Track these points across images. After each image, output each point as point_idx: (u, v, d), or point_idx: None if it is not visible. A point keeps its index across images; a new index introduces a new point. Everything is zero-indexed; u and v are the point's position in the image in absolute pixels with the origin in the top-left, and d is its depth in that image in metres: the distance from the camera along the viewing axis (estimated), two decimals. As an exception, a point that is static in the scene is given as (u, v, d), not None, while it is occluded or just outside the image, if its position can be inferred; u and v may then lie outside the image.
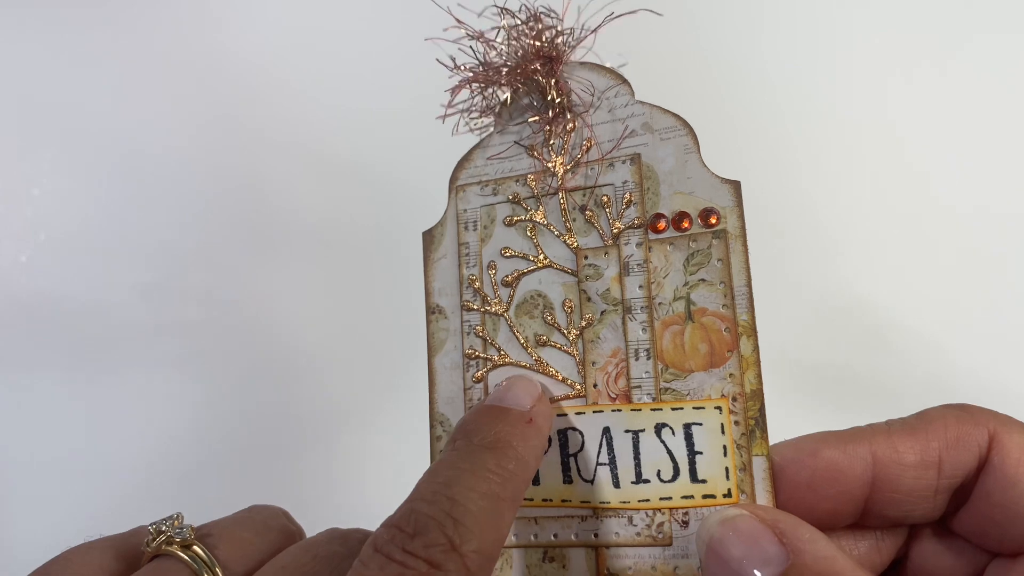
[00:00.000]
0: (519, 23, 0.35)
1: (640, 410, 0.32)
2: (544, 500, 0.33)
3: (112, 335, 0.69)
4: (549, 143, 0.35)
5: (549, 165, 0.35)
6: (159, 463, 0.66)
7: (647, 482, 0.31)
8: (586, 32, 0.35)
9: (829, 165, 0.65)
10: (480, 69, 0.35)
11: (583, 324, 0.34)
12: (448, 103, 0.35)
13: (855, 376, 0.59)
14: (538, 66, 0.35)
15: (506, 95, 0.36)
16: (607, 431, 0.32)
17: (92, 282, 0.70)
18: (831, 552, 0.26)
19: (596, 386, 0.33)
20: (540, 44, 0.35)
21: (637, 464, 0.32)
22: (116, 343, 0.69)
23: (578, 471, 0.33)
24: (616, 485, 0.32)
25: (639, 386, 0.32)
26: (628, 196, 0.33)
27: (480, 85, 0.35)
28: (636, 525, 0.31)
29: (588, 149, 0.34)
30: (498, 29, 0.35)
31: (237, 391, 0.68)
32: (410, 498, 0.28)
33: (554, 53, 0.35)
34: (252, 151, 0.73)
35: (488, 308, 0.35)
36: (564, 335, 0.34)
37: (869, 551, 0.31)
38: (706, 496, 0.31)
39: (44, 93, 0.73)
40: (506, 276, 0.35)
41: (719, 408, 0.31)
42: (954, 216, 0.63)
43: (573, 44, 0.35)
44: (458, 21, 0.35)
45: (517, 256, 0.35)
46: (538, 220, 0.35)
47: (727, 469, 0.30)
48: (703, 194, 0.32)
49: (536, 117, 0.35)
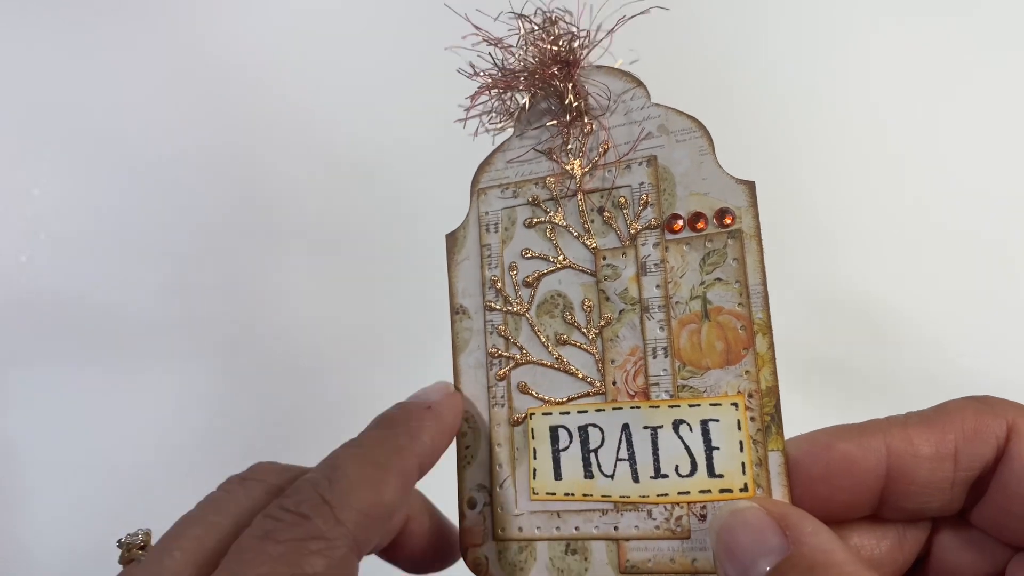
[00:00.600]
0: (535, 28, 0.36)
1: (658, 407, 0.33)
2: (566, 494, 0.34)
3: (113, 335, 0.70)
4: (567, 146, 0.36)
5: (567, 168, 0.36)
6: (162, 462, 0.67)
7: (666, 477, 0.32)
8: (601, 35, 0.36)
9: (842, 165, 0.64)
10: (499, 75, 0.36)
11: (602, 323, 0.34)
12: (468, 108, 0.36)
13: (869, 372, 0.58)
14: (555, 70, 0.36)
15: (524, 100, 0.36)
16: (626, 427, 0.33)
17: (92, 282, 0.70)
18: (832, 545, 0.27)
19: (615, 384, 0.34)
20: (557, 48, 0.36)
21: (656, 459, 0.33)
22: (117, 343, 0.70)
23: (599, 466, 0.34)
24: (636, 480, 0.33)
25: (657, 383, 0.33)
26: (645, 197, 0.34)
27: (499, 90, 0.36)
28: (655, 519, 0.32)
29: (605, 151, 0.35)
30: (515, 34, 0.36)
31: (254, 390, 0.69)
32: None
33: (571, 57, 0.36)
34: (265, 155, 0.73)
35: (510, 308, 0.36)
36: (584, 334, 0.35)
37: (891, 549, 0.32)
38: (723, 490, 0.31)
39: (44, 93, 0.73)
40: (527, 277, 0.36)
41: (735, 404, 0.32)
42: (969, 213, 0.62)
43: (589, 47, 0.36)
44: (476, 28, 0.36)
45: (537, 257, 0.36)
46: (557, 222, 0.36)
47: (743, 464, 0.31)
48: (718, 195, 0.33)
49: (554, 121, 0.36)
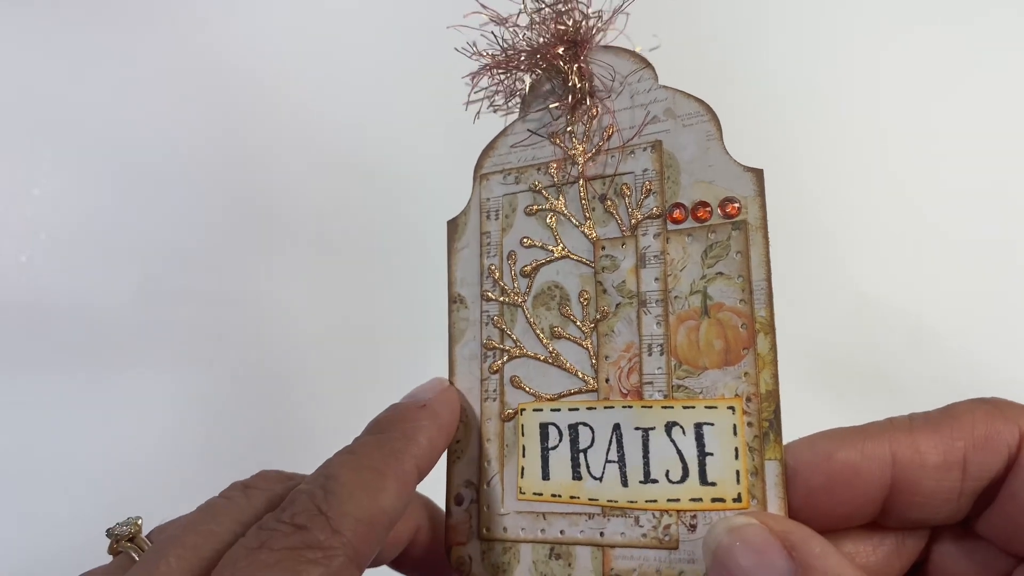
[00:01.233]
0: (543, 6, 0.34)
1: (651, 407, 0.31)
2: (553, 496, 0.32)
3: (113, 335, 0.70)
4: (571, 130, 0.34)
5: (570, 153, 0.34)
6: (164, 462, 0.67)
7: (655, 482, 0.30)
8: (612, 15, 0.34)
9: (854, 158, 0.60)
10: (501, 55, 0.35)
11: (598, 317, 0.33)
12: (470, 89, 0.35)
13: (877, 375, 0.55)
14: (561, 51, 0.34)
15: (528, 81, 0.35)
16: (617, 428, 0.31)
17: (92, 282, 0.70)
18: (843, 568, 0.25)
19: (608, 381, 0.32)
20: (565, 28, 0.34)
21: (646, 463, 0.31)
22: (117, 343, 0.70)
23: (587, 467, 0.32)
24: (624, 484, 0.31)
25: (651, 382, 0.31)
26: (648, 185, 0.32)
27: (501, 71, 0.35)
28: (643, 526, 0.30)
29: (609, 136, 0.33)
30: (521, 12, 0.35)
31: (246, 387, 0.69)
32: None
33: (579, 37, 0.34)
34: (263, 143, 0.72)
35: (506, 298, 0.35)
36: (579, 328, 0.33)
37: (889, 555, 0.29)
38: (715, 500, 0.29)
39: (44, 93, 0.72)
40: (525, 266, 0.34)
41: (732, 408, 0.29)
42: (984, 209, 0.58)
43: (600, 27, 0.34)
44: (481, 5, 0.35)
45: (536, 246, 0.34)
46: (558, 209, 0.34)
47: (738, 472, 0.29)
48: (724, 183, 0.31)
49: (558, 103, 0.34)
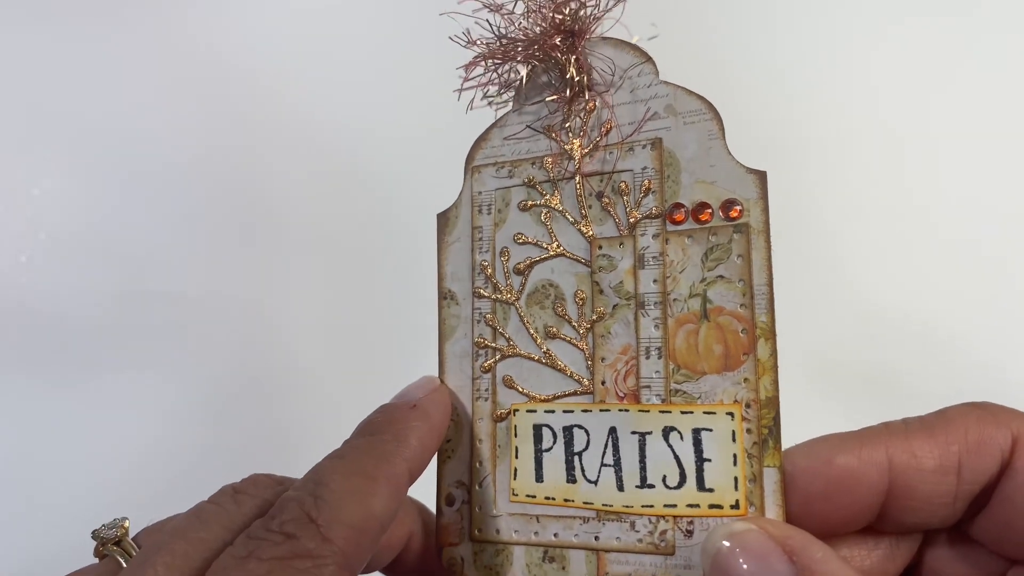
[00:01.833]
0: (541, -6, 0.33)
1: (648, 411, 0.30)
2: (547, 498, 0.32)
3: (113, 335, 0.69)
4: (567, 124, 0.33)
5: (567, 148, 0.33)
6: (159, 464, 0.66)
7: (652, 487, 0.30)
8: (611, 5, 0.33)
9: (859, 161, 0.60)
10: (497, 44, 0.34)
11: (594, 318, 0.32)
12: (463, 79, 0.34)
13: (879, 381, 0.55)
14: (558, 41, 0.33)
15: (524, 72, 0.34)
16: (613, 431, 0.31)
17: (92, 282, 0.69)
18: (844, 572, 0.25)
19: (604, 383, 0.31)
20: (562, 17, 0.33)
21: (642, 468, 0.30)
22: (118, 343, 0.69)
23: (582, 471, 0.31)
24: (620, 488, 0.30)
25: (648, 386, 0.31)
26: (647, 183, 0.31)
27: (496, 61, 0.34)
28: (639, 531, 0.30)
29: (608, 132, 0.32)
30: (517, 0, 0.33)
31: (235, 387, 0.68)
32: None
33: (576, 27, 0.33)
34: (257, 136, 0.71)
35: (499, 296, 0.34)
36: (574, 328, 0.32)
37: (883, 559, 0.30)
38: (713, 506, 0.29)
39: (44, 93, 0.72)
40: (518, 264, 0.34)
41: (731, 414, 0.29)
42: (985, 215, 0.59)
43: (597, 17, 0.33)
44: (476, -8, 0.33)
45: (530, 243, 0.34)
46: (553, 206, 0.33)
47: (736, 479, 0.29)
48: (726, 184, 0.30)
49: (555, 96, 0.33)
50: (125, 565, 0.29)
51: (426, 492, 0.36)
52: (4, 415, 0.67)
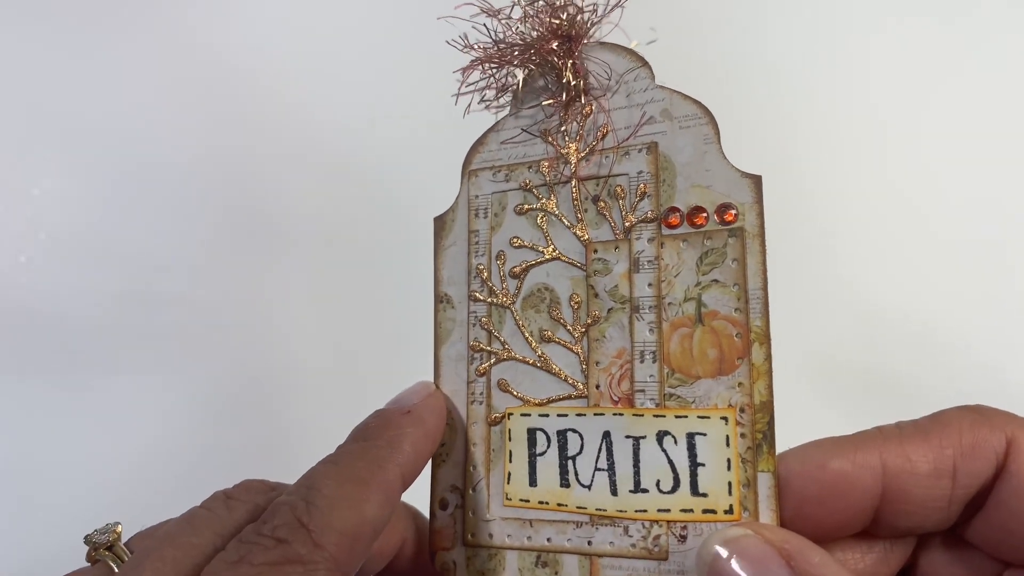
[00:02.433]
0: (538, -1, 0.33)
1: (642, 415, 0.30)
2: (540, 503, 0.32)
3: (112, 336, 0.69)
4: (564, 128, 0.33)
5: (563, 152, 0.33)
6: (164, 464, 0.66)
7: (645, 492, 0.30)
8: (608, 10, 0.33)
9: (854, 164, 0.61)
10: (493, 48, 0.34)
11: (589, 321, 0.32)
12: (461, 83, 0.34)
13: (876, 386, 0.55)
14: (555, 46, 0.33)
15: (520, 76, 0.34)
16: (607, 435, 0.31)
17: (91, 282, 0.69)
18: None
19: (599, 387, 0.31)
20: (558, 22, 0.33)
21: (636, 472, 0.30)
22: (117, 344, 0.69)
23: (576, 475, 0.31)
24: (614, 492, 0.30)
25: (643, 390, 0.30)
26: (643, 187, 0.31)
27: (493, 65, 0.34)
28: (632, 536, 0.30)
29: (604, 136, 0.32)
30: (515, 5, 0.34)
31: (231, 390, 0.68)
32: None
33: (573, 32, 0.33)
34: (254, 138, 0.72)
35: (495, 300, 0.34)
36: (569, 332, 0.32)
37: (876, 562, 0.29)
38: (706, 511, 0.29)
39: (44, 93, 0.72)
40: (514, 267, 0.34)
41: (725, 419, 0.29)
42: (980, 216, 0.59)
43: (595, 22, 0.33)
44: (473, -3, 0.33)
45: (526, 247, 0.34)
46: (550, 210, 0.33)
47: (730, 484, 0.29)
48: (721, 188, 0.30)
49: (551, 100, 0.33)
50: (117, 570, 0.29)
51: (419, 496, 0.36)
52: (4, 415, 0.67)
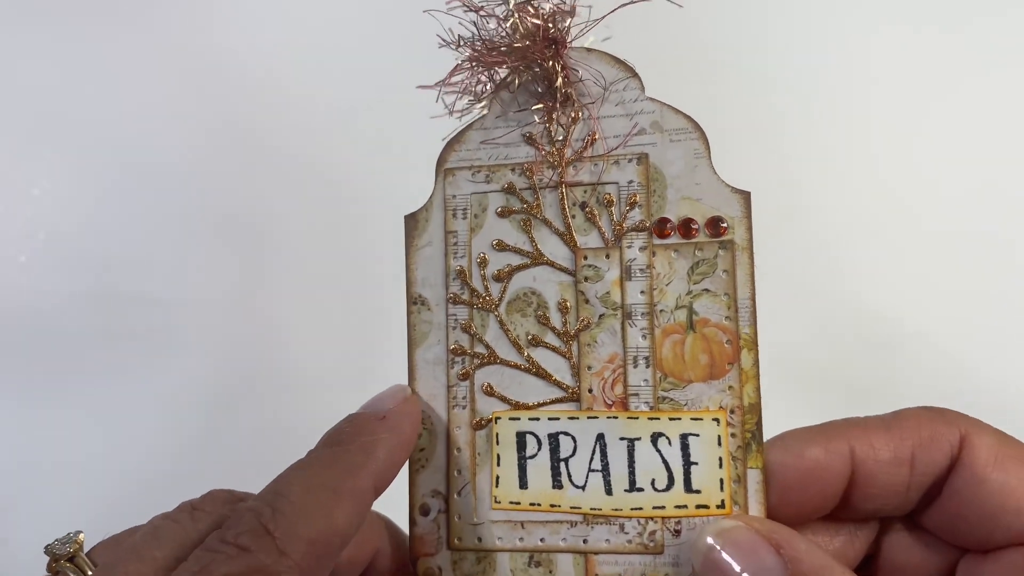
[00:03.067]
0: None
1: (637, 418, 0.32)
2: (532, 504, 0.32)
3: (113, 335, 0.68)
4: (550, 132, 0.33)
5: (549, 156, 0.33)
6: (165, 464, 0.66)
7: (641, 490, 0.31)
8: (590, 14, 0.33)
9: (840, 177, 0.65)
10: (479, 46, 0.33)
11: (579, 327, 0.33)
12: (443, 83, 0.33)
13: (854, 387, 0.61)
14: (541, 48, 0.33)
15: (503, 76, 0.33)
16: (601, 438, 0.32)
17: (92, 282, 0.69)
18: (827, 561, 0.28)
19: (591, 391, 0.32)
20: (544, 24, 0.33)
21: (631, 472, 0.31)
22: (118, 344, 0.68)
23: (568, 476, 0.32)
24: (608, 492, 0.31)
25: (636, 394, 0.32)
26: (633, 197, 0.32)
27: (479, 65, 0.33)
28: (628, 533, 0.31)
29: (592, 143, 0.33)
30: (499, 4, 0.33)
31: (224, 387, 0.68)
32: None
33: (558, 35, 0.33)
34: (251, 147, 0.71)
35: (477, 302, 0.34)
36: (559, 336, 0.33)
37: (844, 545, 0.33)
38: (700, 506, 0.31)
39: (44, 93, 0.72)
40: (498, 270, 0.33)
41: (717, 420, 0.31)
42: (963, 225, 0.64)
43: (580, 25, 0.33)
44: (458, -6, 0.32)
45: (510, 250, 0.33)
46: (536, 214, 0.33)
47: (722, 480, 0.31)
48: (711, 202, 0.32)
49: (539, 105, 0.33)
50: None
51: (385, 499, 0.35)
52: (4, 416, 0.66)
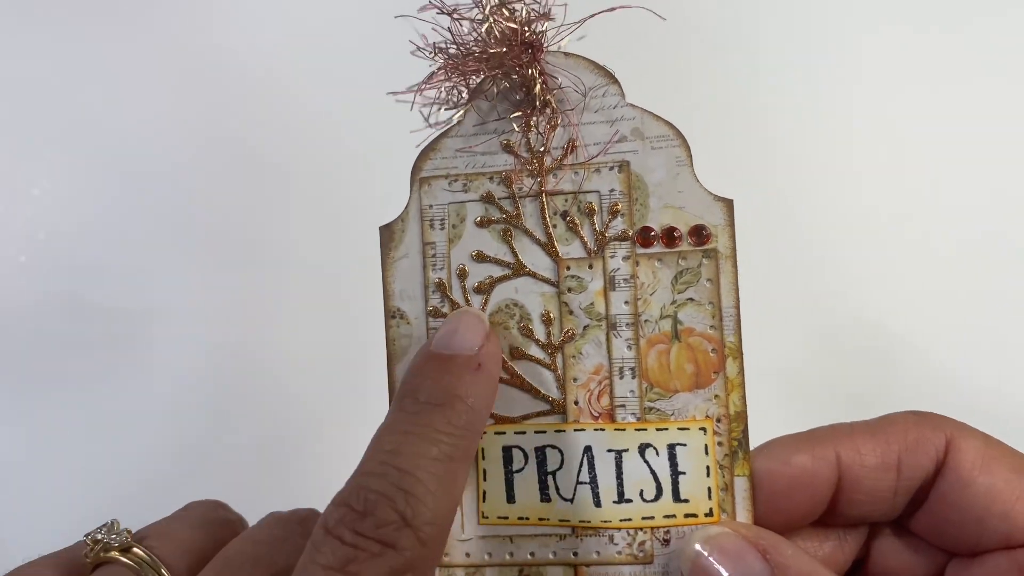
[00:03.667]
0: (496, 2, 0.32)
1: (624, 430, 0.31)
2: (520, 519, 0.32)
3: (113, 335, 0.68)
4: (528, 139, 0.32)
5: (527, 165, 0.32)
6: (165, 464, 0.66)
7: (629, 501, 0.31)
8: (564, 17, 0.32)
9: (825, 183, 0.66)
10: (453, 50, 0.32)
11: (563, 338, 0.32)
12: (418, 89, 0.32)
13: (840, 395, 0.62)
14: (517, 54, 0.32)
15: (479, 83, 0.32)
16: (588, 450, 0.32)
17: (91, 282, 0.69)
18: (813, 566, 0.28)
19: (577, 403, 0.32)
20: (519, 28, 0.32)
21: (620, 484, 0.31)
22: (118, 343, 0.69)
23: (556, 489, 0.32)
24: (597, 504, 0.31)
25: (623, 405, 0.32)
26: (616, 205, 0.32)
27: (454, 73, 0.32)
28: (617, 544, 0.31)
29: (573, 150, 0.32)
30: (473, 7, 0.32)
31: (206, 395, 0.68)
32: (357, 471, 0.26)
33: (534, 40, 0.32)
34: (250, 149, 0.71)
35: None
36: (542, 348, 0.32)
37: (833, 551, 0.33)
38: (688, 515, 0.31)
39: (44, 93, 0.72)
40: (479, 282, 0.33)
41: (704, 429, 0.31)
42: (949, 232, 0.65)
43: (557, 29, 0.32)
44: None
45: (491, 261, 0.33)
46: (516, 224, 0.33)
47: (709, 489, 0.31)
48: (694, 210, 0.31)
49: (518, 112, 0.32)
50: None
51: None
52: (4, 416, 0.67)
